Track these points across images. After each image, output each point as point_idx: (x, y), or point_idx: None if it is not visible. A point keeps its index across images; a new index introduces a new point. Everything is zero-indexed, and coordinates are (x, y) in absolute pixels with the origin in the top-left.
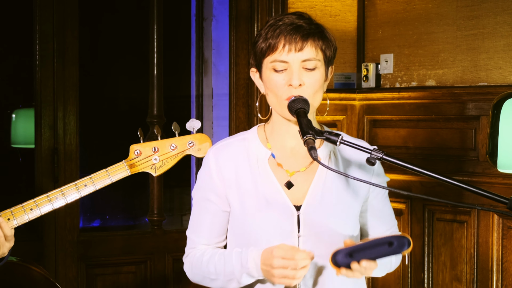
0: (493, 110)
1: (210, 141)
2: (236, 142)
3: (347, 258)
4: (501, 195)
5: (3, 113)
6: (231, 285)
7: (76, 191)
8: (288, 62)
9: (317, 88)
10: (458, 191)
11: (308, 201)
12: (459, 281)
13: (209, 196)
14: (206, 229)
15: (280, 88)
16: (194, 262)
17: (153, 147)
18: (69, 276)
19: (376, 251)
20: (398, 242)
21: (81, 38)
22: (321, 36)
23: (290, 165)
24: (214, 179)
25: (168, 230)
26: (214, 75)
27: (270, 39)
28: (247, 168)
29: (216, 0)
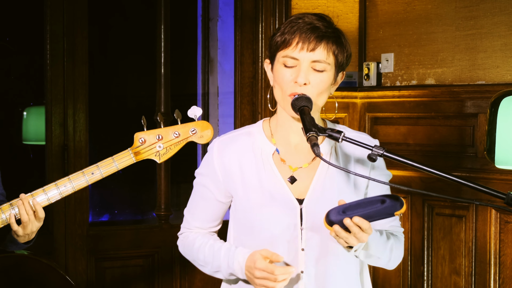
0: (491, 108)
1: (211, 128)
2: (242, 136)
3: (340, 214)
4: (498, 190)
5: (15, 110)
6: (218, 276)
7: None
8: (299, 60)
9: (322, 89)
10: (457, 186)
11: (310, 195)
12: (458, 274)
13: (207, 184)
14: (201, 214)
15: (286, 83)
16: (186, 244)
17: (157, 134)
18: (79, 269)
19: (369, 208)
20: (390, 200)
21: (90, 38)
22: (336, 41)
23: (293, 161)
24: (215, 169)
25: (175, 224)
26: (220, 73)
27: (286, 34)
28: (252, 162)
29: (222, 1)
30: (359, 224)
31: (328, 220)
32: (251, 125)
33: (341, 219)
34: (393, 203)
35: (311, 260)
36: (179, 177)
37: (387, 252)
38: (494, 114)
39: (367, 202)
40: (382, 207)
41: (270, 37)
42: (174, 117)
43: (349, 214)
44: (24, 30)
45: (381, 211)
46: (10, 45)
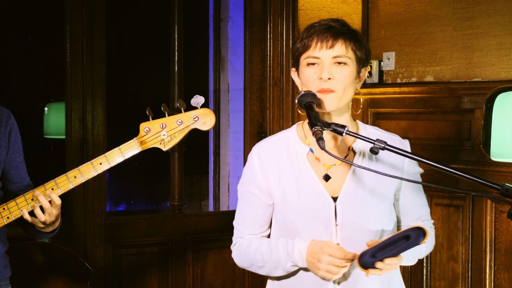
0: (487, 103)
1: (213, 114)
2: (278, 140)
3: (372, 258)
4: (494, 181)
5: (37, 106)
6: (277, 272)
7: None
8: (320, 58)
9: (347, 83)
10: (454, 178)
11: (344, 192)
12: (455, 260)
13: (252, 190)
14: (250, 220)
15: (312, 81)
16: (242, 250)
17: (161, 123)
18: (97, 256)
19: (396, 246)
20: (413, 234)
21: (107, 37)
22: (352, 38)
23: (327, 159)
24: (257, 174)
25: (188, 214)
26: (230, 71)
27: (305, 39)
28: (287, 164)
29: (232, 3)
30: (390, 264)
31: (361, 263)
32: (286, 130)
33: (373, 262)
34: (416, 236)
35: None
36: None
37: (419, 255)
38: (489, 109)
39: (392, 242)
40: (407, 243)
41: (292, 47)
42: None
43: (379, 256)
44: (45, 30)
45: (407, 247)
46: (32, 45)
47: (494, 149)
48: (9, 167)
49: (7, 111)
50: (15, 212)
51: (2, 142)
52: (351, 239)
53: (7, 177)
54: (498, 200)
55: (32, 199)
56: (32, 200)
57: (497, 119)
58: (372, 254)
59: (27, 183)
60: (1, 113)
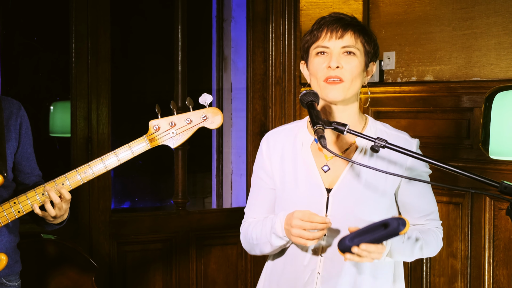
0: (485, 102)
1: (221, 114)
2: (288, 129)
3: (349, 243)
4: (492, 179)
5: (42, 105)
6: (266, 247)
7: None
8: (329, 48)
9: (355, 74)
10: (453, 176)
11: (339, 185)
12: (455, 257)
13: (260, 174)
14: (258, 204)
15: (321, 70)
16: (244, 232)
17: (170, 121)
18: (102, 253)
19: (374, 234)
20: (392, 224)
21: (112, 37)
22: (362, 31)
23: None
24: (264, 158)
25: (191, 211)
26: (233, 70)
27: (315, 30)
28: (290, 152)
29: (235, 3)
30: (367, 249)
31: (339, 247)
32: (298, 120)
33: (350, 247)
34: (395, 225)
35: (332, 245)
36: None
37: (416, 252)
38: (488, 108)
39: (372, 228)
40: (386, 231)
41: (302, 38)
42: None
43: (356, 242)
44: (51, 30)
45: (385, 234)
46: (38, 44)
47: (493, 147)
48: (20, 158)
49: (17, 102)
50: (26, 206)
51: (13, 133)
52: (341, 231)
53: (19, 168)
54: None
55: (42, 193)
56: (42, 195)
57: (495, 118)
58: (350, 239)
59: (38, 173)
60: (11, 105)
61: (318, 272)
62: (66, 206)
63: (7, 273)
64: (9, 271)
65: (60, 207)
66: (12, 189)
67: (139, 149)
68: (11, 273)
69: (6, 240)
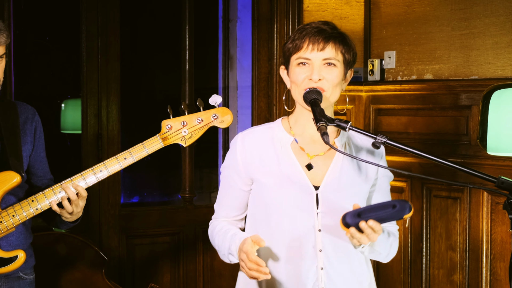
0: (483, 100)
1: (231, 113)
2: (262, 129)
3: (356, 218)
4: (490, 174)
5: (54, 102)
6: (225, 259)
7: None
8: (311, 59)
9: (335, 83)
10: (452, 171)
11: (326, 182)
12: (453, 250)
13: (231, 174)
14: (226, 203)
15: (302, 80)
16: (210, 231)
17: (182, 121)
18: (112, 246)
19: (382, 212)
20: (400, 205)
21: (121, 37)
22: (342, 41)
23: (310, 150)
24: (238, 161)
25: (198, 205)
26: (239, 69)
27: (297, 40)
28: (272, 151)
29: (241, 4)
30: (373, 227)
31: (344, 222)
32: (270, 122)
33: (357, 222)
34: (402, 207)
35: (327, 240)
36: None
37: (387, 248)
38: (486, 105)
39: (379, 207)
40: (393, 211)
41: (283, 46)
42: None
43: (363, 217)
44: (62, 30)
45: (392, 214)
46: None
47: (490, 143)
48: (34, 161)
49: (32, 108)
50: (43, 204)
51: (28, 137)
52: (332, 226)
53: (32, 171)
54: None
55: (60, 191)
56: (59, 192)
57: (493, 115)
58: (357, 213)
59: (50, 177)
60: (27, 111)
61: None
62: (82, 203)
63: (23, 267)
64: (25, 265)
65: (77, 204)
66: (25, 189)
67: (153, 147)
68: (27, 267)
69: (23, 237)
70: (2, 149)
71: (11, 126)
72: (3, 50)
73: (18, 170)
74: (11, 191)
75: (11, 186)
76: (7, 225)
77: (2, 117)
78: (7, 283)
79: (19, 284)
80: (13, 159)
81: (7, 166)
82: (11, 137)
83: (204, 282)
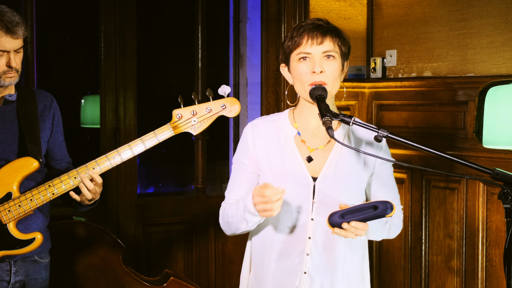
0: (479, 96)
1: (239, 103)
2: (270, 121)
3: (340, 219)
4: (485, 166)
5: (74, 98)
6: (242, 225)
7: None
8: (311, 53)
9: (336, 75)
10: (450, 163)
11: (323, 173)
12: (451, 237)
13: (244, 160)
14: (237, 186)
15: (305, 75)
16: (222, 212)
17: (192, 110)
18: (128, 234)
19: (364, 213)
20: (381, 206)
21: (138, 37)
22: (337, 35)
23: (311, 143)
24: (249, 146)
25: (210, 195)
26: (248, 67)
27: (295, 37)
28: (276, 143)
29: (250, 5)
30: (356, 227)
31: (330, 222)
32: (278, 113)
33: (340, 223)
34: (383, 208)
35: (318, 229)
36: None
37: (385, 232)
38: (482, 101)
39: (362, 208)
40: (374, 213)
41: (282, 44)
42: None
43: (347, 218)
44: (82, 30)
45: (373, 215)
46: (70, 43)
47: (486, 137)
48: (52, 145)
49: (50, 95)
50: (59, 189)
51: (47, 124)
52: (325, 215)
53: (51, 154)
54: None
55: (75, 177)
56: (75, 178)
57: (488, 110)
58: (342, 215)
59: (68, 160)
60: (45, 98)
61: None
62: (99, 189)
63: (39, 250)
64: (41, 249)
65: (95, 191)
66: (44, 173)
67: (164, 136)
68: (43, 251)
69: (41, 221)
70: (20, 136)
71: (30, 114)
72: (21, 43)
73: (36, 156)
74: (30, 176)
75: (29, 171)
76: (25, 208)
77: (21, 105)
78: (23, 266)
79: (34, 267)
80: (31, 146)
81: (26, 152)
82: (29, 124)
83: (215, 268)
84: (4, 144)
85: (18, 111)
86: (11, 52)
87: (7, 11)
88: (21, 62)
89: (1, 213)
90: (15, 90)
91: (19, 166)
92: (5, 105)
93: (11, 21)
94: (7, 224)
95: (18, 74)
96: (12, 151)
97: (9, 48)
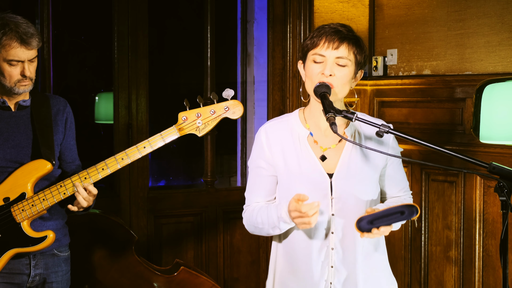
0: (476, 93)
1: (242, 105)
2: (282, 122)
3: (369, 225)
4: (482, 160)
5: (89, 96)
6: (275, 231)
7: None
8: (325, 56)
9: (344, 81)
10: (448, 157)
11: (338, 170)
12: (449, 228)
13: (260, 163)
14: (258, 190)
15: (315, 75)
16: (248, 216)
17: (197, 113)
18: (141, 225)
19: (391, 218)
20: (408, 210)
21: (150, 36)
22: (355, 43)
23: (323, 142)
24: (264, 150)
25: (219, 188)
26: (255, 66)
27: (315, 37)
28: (291, 144)
29: (257, 6)
30: (384, 232)
31: (358, 227)
32: (288, 113)
33: (370, 228)
34: (409, 212)
35: (339, 223)
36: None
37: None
38: (479, 98)
39: (389, 214)
40: (401, 217)
41: (302, 42)
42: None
43: (375, 224)
44: (96, 30)
45: (400, 220)
46: (84, 43)
47: (483, 132)
48: (64, 148)
49: (64, 100)
50: (70, 189)
51: (60, 127)
52: (344, 210)
53: (61, 157)
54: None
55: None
56: (85, 179)
57: (485, 107)
58: (370, 221)
59: (78, 163)
60: (59, 103)
61: (332, 248)
62: (93, 198)
63: (58, 245)
64: (59, 243)
65: (88, 200)
66: (58, 174)
67: (170, 138)
68: (62, 245)
69: (57, 218)
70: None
71: (43, 118)
72: (35, 53)
73: (49, 159)
74: (44, 177)
75: (43, 173)
76: (38, 208)
77: (35, 110)
78: (42, 259)
79: (54, 261)
80: (44, 149)
81: (39, 155)
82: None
83: (224, 258)
84: (19, 147)
85: (32, 116)
86: (25, 62)
87: (22, 22)
88: (35, 70)
89: (15, 212)
90: (29, 96)
91: (33, 168)
92: (19, 110)
93: (26, 33)
94: (21, 223)
95: (32, 82)
96: (26, 154)
97: (23, 58)
